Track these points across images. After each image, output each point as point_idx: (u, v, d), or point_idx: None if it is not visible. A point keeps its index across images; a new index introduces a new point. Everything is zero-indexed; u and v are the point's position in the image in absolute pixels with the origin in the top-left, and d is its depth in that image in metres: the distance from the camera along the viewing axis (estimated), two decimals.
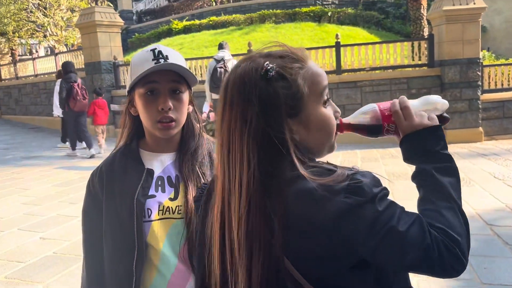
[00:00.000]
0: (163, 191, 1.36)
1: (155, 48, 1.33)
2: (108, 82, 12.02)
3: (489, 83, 9.94)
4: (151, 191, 1.35)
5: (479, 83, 9.57)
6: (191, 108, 1.44)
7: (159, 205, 1.34)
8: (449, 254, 0.85)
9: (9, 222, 5.25)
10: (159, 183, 1.37)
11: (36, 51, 23.98)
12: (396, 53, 10.09)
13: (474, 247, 3.85)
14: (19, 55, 23.13)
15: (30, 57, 18.53)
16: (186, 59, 11.41)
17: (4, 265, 3.98)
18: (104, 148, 9.40)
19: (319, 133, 0.97)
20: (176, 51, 1.38)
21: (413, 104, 1.06)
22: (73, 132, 9.58)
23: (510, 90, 9.91)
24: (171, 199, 1.36)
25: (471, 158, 7.79)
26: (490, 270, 3.40)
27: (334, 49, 10.23)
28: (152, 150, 1.41)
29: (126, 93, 1.42)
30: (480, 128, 9.59)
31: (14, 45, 21.31)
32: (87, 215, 1.43)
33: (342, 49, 10.21)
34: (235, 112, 0.94)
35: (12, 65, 17.82)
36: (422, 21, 13.15)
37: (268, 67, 0.93)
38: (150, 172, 1.37)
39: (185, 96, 1.37)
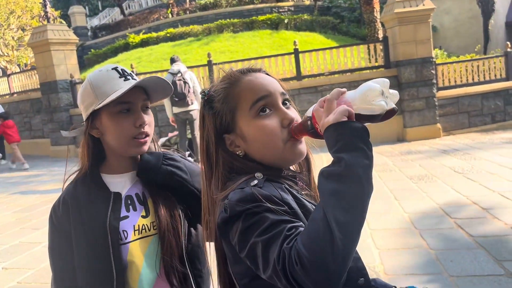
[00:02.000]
0: (134, 209, 1.34)
1: (116, 67, 1.33)
2: (65, 101, 11.71)
3: (443, 80, 10.31)
4: (123, 213, 1.32)
5: (434, 81, 9.91)
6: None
7: (133, 225, 1.31)
8: (291, 267, 0.80)
9: None
10: (129, 202, 1.35)
11: None
12: (353, 56, 10.32)
13: (439, 240, 3.96)
14: None
15: None
16: (145, 73, 11.30)
17: None
18: (23, 161, 10.74)
19: (257, 144, 1.05)
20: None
21: (349, 96, 0.93)
22: None
23: (463, 86, 10.31)
24: (143, 217, 1.33)
25: (432, 154, 8.04)
26: (456, 262, 3.49)
27: (293, 55, 10.37)
28: (114, 172, 1.38)
29: (79, 112, 1.38)
30: (438, 125, 9.91)
31: None
32: (55, 252, 1.35)
33: (300, 55, 10.36)
34: (200, 126, 1.15)
35: None
36: (376, 23, 13.51)
37: (201, 93, 1.14)
38: (117, 195, 1.33)
39: (151, 112, 1.39)
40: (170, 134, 8.72)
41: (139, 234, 1.31)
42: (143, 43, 17.47)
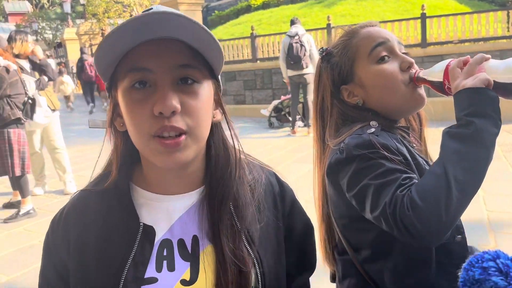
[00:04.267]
0: (171, 269, 0.81)
1: (151, 8, 0.77)
2: None
3: None
4: (150, 270, 0.80)
5: None
6: (219, 115, 0.87)
7: None
8: (402, 212, 0.85)
9: None
10: (165, 253, 0.81)
11: None
12: (489, 24, 9.31)
13: None
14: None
15: None
16: (264, 35, 11.40)
17: None
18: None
19: (377, 89, 1.09)
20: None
21: (492, 64, 0.92)
22: None
23: None
24: (185, 283, 0.80)
25: None
26: None
27: (419, 21, 9.68)
28: (154, 190, 0.86)
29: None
30: None
31: (104, 25, 22.60)
32: (46, 280, 0.89)
33: (427, 20, 9.62)
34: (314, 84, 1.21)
35: None
36: None
37: (320, 50, 1.18)
38: (149, 231, 0.82)
39: (205, 89, 0.79)
40: (282, 97, 8.82)
41: None
42: (265, 5, 17.63)
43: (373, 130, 1.01)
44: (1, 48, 4.44)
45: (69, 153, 5.77)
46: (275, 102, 8.87)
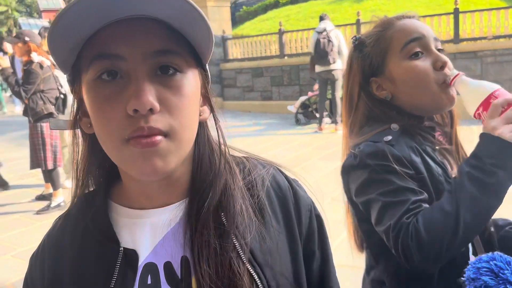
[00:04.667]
0: None
1: None
2: (217, 56, 12.44)
3: None
4: None
5: None
6: (207, 112, 0.73)
7: None
8: (404, 240, 0.88)
9: None
10: (149, 280, 0.67)
11: None
12: None
13: None
14: None
15: None
16: (292, 31, 11.35)
17: None
18: None
19: (407, 85, 1.06)
20: None
21: None
22: None
23: None
24: None
25: None
26: None
27: (452, 16, 9.44)
28: (135, 205, 0.71)
29: (229, 67, 0.79)
30: None
31: None
32: None
33: (461, 15, 9.37)
34: (345, 75, 1.20)
35: None
36: None
37: (353, 38, 1.15)
38: (131, 256, 0.68)
39: (189, 81, 0.65)
40: (310, 94, 8.76)
41: None
42: (293, 1, 17.54)
43: (390, 138, 1.01)
44: (35, 44, 4.57)
45: None
46: (302, 98, 8.82)
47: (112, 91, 0.60)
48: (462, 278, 0.96)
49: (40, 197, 5.11)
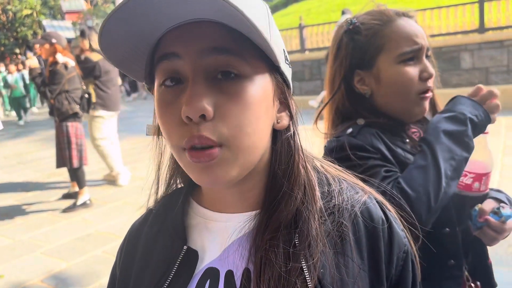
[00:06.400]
0: None
1: None
2: None
3: None
4: None
5: None
6: (285, 119, 0.67)
7: None
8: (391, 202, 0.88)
9: None
10: (207, 285, 0.65)
11: None
12: None
13: None
14: None
15: None
16: (313, 25, 11.27)
17: None
18: None
19: (390, 88, 1.06)
20: None
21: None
22: None
23: None
24: None
25: None
26: None
27: (476, 5, 9.21)
28: (211, 207, 0.71)
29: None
30: None
31: None
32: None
33: (486, 4, 9.13)
34: (330, 55, 1.16)
35: None
36: None
37: (348, 20, 1.10)
38: (191, 257, 0.68)
39: (256, 87, 0.59)
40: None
41: None
42: None
43: (351, 130, 1.04)
44: (61, 46, 4.66)
45: (123, 145, 5.97)
46: (324, 93, 8.74)
47: (172, 96, 0.59)
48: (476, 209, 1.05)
49: (67, 196, 5.22)
